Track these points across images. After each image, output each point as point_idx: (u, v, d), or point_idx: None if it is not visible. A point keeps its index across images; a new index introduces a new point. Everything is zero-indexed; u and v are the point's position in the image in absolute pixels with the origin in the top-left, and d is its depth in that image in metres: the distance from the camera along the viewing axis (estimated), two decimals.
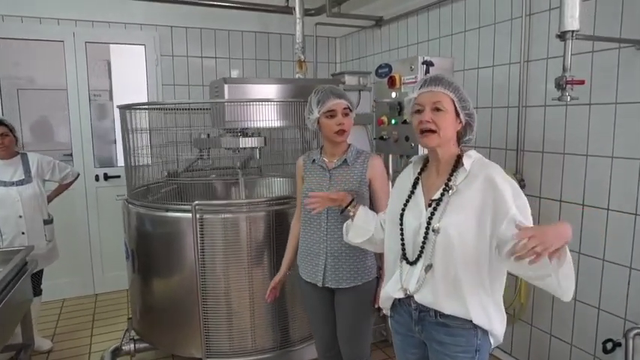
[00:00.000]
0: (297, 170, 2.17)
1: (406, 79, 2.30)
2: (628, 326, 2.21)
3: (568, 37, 1.85)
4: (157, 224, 2.63)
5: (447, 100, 1.48)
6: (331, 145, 2.01)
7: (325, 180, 2.00)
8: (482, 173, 1.46)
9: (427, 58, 2.23)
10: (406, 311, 1.61)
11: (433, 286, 1.50)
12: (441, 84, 1.49)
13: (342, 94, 1.96)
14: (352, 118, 2.00)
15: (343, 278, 1.97)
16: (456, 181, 1.50)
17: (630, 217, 2.20)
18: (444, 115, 1.48)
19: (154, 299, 2.76)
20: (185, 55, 4.16)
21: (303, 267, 2.09)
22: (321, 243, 1.99)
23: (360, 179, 1.96)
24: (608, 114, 2.26)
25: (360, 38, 4.40)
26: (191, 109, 3.09)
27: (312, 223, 2.02)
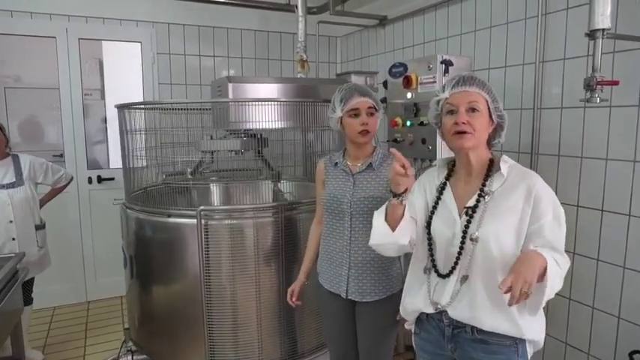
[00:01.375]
0: (317, 174, 2.05)
1: (424, 79, 2.20)
2: None
3: (598, 36, 1.77)
4: (157, 230, 2.50)
5: (481, 101, 1.42)
6: (355, 148, 1.90)
7: (348, 185, 1.89)
8: (524, 182, 1.39)
9: (446, 56, 2.14)
10: (436, 327, 1.50)
11: (471, 299, 1.40)
12: (475, 83, 1.42)
13: (367, 92, 1.85)
14: (378, 118, 1.88)
15: (367, 291, 1.86)
16: (492, 187, 1.43)
17: None
18: (480, 116, 1.41)
19: (153, 308, 2.62)
20: (182, 54, 4.02)
21: (324, 275, 1.98)
22: (344, 252, 1.88)
23: (387, 185, 1.83)
24: (631, 117, 2.19)
25: (363, 38, 4.31)
26: (189, 110, 2.96)
27: (335, 230, 1.92)
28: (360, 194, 1.85)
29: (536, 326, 1.41)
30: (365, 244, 1.83)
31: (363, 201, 1.84)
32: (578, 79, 2.38)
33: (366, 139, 1.86)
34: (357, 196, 1.85)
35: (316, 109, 2.54)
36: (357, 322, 1.95)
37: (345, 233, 1.88)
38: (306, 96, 2.90)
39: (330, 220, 1.95)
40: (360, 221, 1.85)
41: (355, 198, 1.85)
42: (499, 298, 1.33)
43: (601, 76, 1.78)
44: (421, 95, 2.24)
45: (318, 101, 2.54)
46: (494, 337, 1.38)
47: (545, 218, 1.36)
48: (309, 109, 2.52)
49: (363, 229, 1.85)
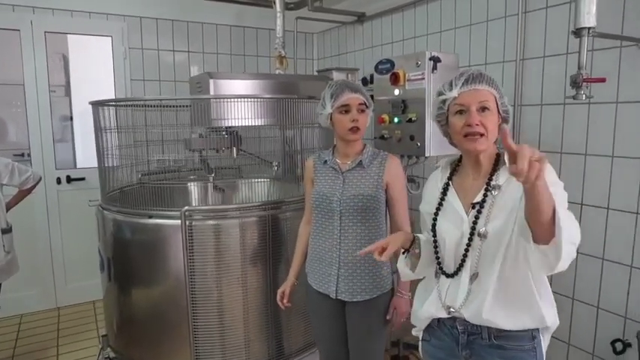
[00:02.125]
0: (305, 172, 2.01)
1: (412, 76, 2.20)
2: (629, 325, 2.23)
3: (584, 34, 1.80)
4: (137, 231, 2.40)
5: (491, 99, 1.33)
6: (344, 145, 1.87)
7: (338, 183, 1.86)
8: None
9: (435, 53, 2.14)
10: (448, 334, 1.43)
11: (484, 299, 1.32)
12: (485, 81, 1.34)
13: (358, 89, 1.82)
14: (369, 115, 1.86)
15: (357, 291, 1.83)
16: (499, 181, 1.35)
17: (632, 216, 2.20)
18: (491, 115, 1.33)
19: (134, 312, 2.52)
20: (156, 49, 3.89)
21: (313, 275, 1.94)
22: (333, 252, 1.85)
23: (377, 183, 1.82)
24: (609, 113, 2.26)
25: (340, 34, 4.28)
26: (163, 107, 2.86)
27: (325, 229, 1.88)
28: (349, 192, 1.83)
29: (552, 311, 1.35)
30: (355, 243, 1.82)
31: (352, 199, 1.81)
32: (558, 77, 2.46)
33: (356, 137, 1.83)
34: (347, 194, 1.82)
35: (301, 105, 2.50)
36: (347, 322, 1.92)
37: (334, 232, 1.85)
38: (288, 93, 2.86)
39: (319, 219, 1.92)
40: (350, 220, 1.83)
41: (345, 196, 1.82)
42: (514, 293, 1.29)
43: (586, 73, 1.81)
44: (409, 92, 2.24)
45: (303, 98, 2.50)
46: (511, 341, 1.33)
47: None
48: (294, 106, 2.48)
49: (353, 227, 1.83)
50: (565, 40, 2.42)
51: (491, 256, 1.32)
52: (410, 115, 2.23)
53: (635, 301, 2.21)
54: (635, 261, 2.20)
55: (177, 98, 3.22)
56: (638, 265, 2.19)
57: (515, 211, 1.28)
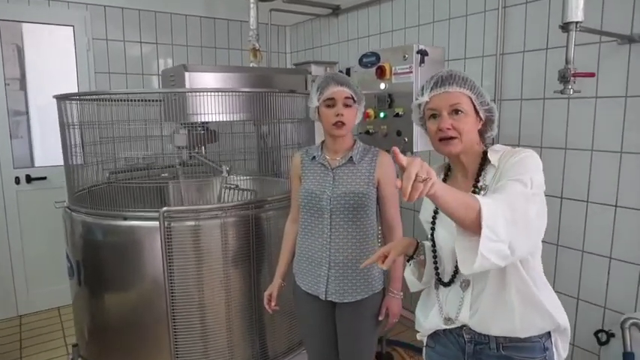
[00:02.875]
0: (292, 168, 1.93)
1: (398, 69, 2.15)
2: (608, 315, 2.29)
3: (571, 29, 1.81)
4: (110, 234, 2.26)
5: (464, 100, 1.29)
6: (332, 140, 1.80)
7: (328, 180, 1.79)
8: (509, 157, 1.26)
9: (422, 46, 2.10)
10: (454, 342, 1.38)
11: (485, 306, 1.27)
12: (455, 82, 1.29)
13: (344, 82, 1.74)
14: (359, 110, 1.80)
15: (348, 291, 1.78)
16: (486, 180, 1.31)
17: (610, 209, 2.25)
18: (465, 117, 1.28)
19: (107, 318, 2.38)
20: (122, 40, 3.69)
21: (301, 276, 1.87)
22: (323, 251, 1.78)
23: (368, 180, 1.77)
24: (588, 107, 2.29)
25: (314, 27, 4.20)
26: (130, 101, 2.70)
27: (314, 228, 1.81)
28: (340, 190, 1.76)
29: (560, 309, 1.29)
30: (345, 243, 1.76)
31: (343, 197, 1.75)
32: (537, 72, 2.48)
33: (341, 132, 1.75)
34: (338, 191, 1.76)
35: (283, 100, 2.41)
36: (337, 324, 1.87)
37: (324, 231, 1.79)
38: (265, 86, 2.77)
39: (307, 218, 1.85)
40: (340, 218, 1.77)
41: (335, 194, 1.76)
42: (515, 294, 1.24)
43: (574, 68, 1.82)
44: (396, 86, 2.20)
45: (284, 92, 2.41)
46: (521, 352, 1.26)
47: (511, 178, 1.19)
48: (276, 100, 2.39)
49: (344, 226, 1.77)
50: (545, 35, 2.44)
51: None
52: (397, 110, 2.19)
53: (614, 291, 2.27)
54: (614, 252, 2.25)
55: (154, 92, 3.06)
56: (616, 257, 2.24)
57: None
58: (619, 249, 2.23)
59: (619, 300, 2.24)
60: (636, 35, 2.07)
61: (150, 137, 2.57)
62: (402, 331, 3.14)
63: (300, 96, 2.50)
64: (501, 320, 1.25)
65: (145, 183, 2.42)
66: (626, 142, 2.17)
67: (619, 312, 2.21)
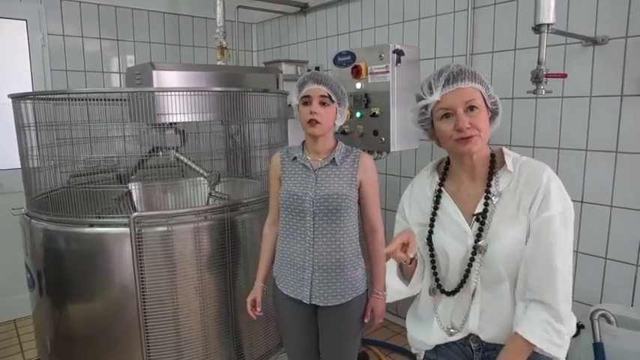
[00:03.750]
0: (271, 169, 1.87)
1: (375, 69, 2.14)
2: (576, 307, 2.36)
3: (543, 30, 1.85)
4: (75, 241, 2.13)
5: (478, 95, 1.22)
6: (312, 141, 1.77)
7: (310, 182, 1.75)
8: (532, 173, 1.23)
9: (398, 46, 2.10)
10: (459, 352, 1.32)
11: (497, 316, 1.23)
12: (467, 77, 1.21)
13: (322, 81, 1.70)
14: (340, 111, 1.76)
15: (332, 294, 1.75)
16: (499, 187, 1.24)
17: (577, 205, 2.33)
18: (480, 113, 1.21)
19: (73, 330, 2.24)
20: (80, 36, 3.50)
21: (283, 280, 1.83)
22: (306, 254, 1.75)
23: (351, 181, 1.74)
24: (555, 107, 2.37)
25: (282, 25, 4.15)
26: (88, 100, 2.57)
27: (296, 230, 1.77)
28: (323, 191, 1.73)
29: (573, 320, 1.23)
30: (329, 245, 1.74)
31: (327, 198, 1.72)
32: (506, 72, 2.54)
33: (315, 131, 1.70)
34: (320, 193, 1.73)
35: (255, 99, 2.35)
36: (320, 327, 1.84)
37: (307, 234, 1.75)
38: (235, 85, 2.70)
39: (289, 220, 1.81)
40: (324, 220, 1.74)
41: (318, 195, 1.73)
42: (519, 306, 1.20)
43: (546, 69, 1.86)
44: (372, 85, 2.19)
45: (258, 91, 2.35)
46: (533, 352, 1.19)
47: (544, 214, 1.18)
48: (248, 100, 2.33)
49: (327, 228, 1.74)
50: (513, 36, 2.50)
51: (500, 272, 1.23)
52: (373, 110, 2.17)
53: (580, 284, 2.35)
54: (581, 247, 2.33)
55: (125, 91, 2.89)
56: (582, 251, 2.33)
57: (522, 222, 1.20)
58: (585, 243, 2.31)
59: (585, 292, 2.33)
60: (599, 37, 2.16)
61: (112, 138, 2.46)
62: (390, 336, 3.15)
63: (273, 95, 2.44)
64: (511, 329, 1.20)
65: (111, 187, 2.30)
66: (591, 141, 2.26)
67: (586, 304, 2.30)
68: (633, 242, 2.15)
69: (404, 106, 2.16)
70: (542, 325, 1.13)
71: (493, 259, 1.22)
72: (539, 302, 1.16)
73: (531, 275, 1.16)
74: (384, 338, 3.11)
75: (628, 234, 2.16)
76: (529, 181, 1.22)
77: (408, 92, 2.18)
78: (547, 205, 1.18)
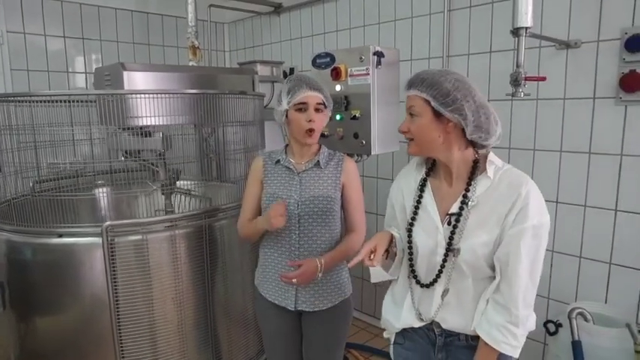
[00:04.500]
0: (253, 171, 1.82)
1: (355, 71, 2.12)
2: (553, 305, 2.42)
3: (521, 34, 1.87)
4: (42, 252, 2.02)
5: (419, 103, 1.28)
6: (299, 146, 1.74)
7: (294, 185, 1.72)
8: (513, 183, 1.27)
9: (378, 48, 2.07)
10: (424, 337, 1.41)
11: (460, 309, 1.32)
12: (415, 85, 1.29)
13: (317, 87, 1.68)
14: (327, 116, 1.74)
15: (319, 299, 1.73)
16: (476, 191, 1.29)
17: (552, 205, 2.37)
18: (418, 120, 1.30)
19: (41, 344, 2.13)
20: (42, 34, 3.32)
21: (267, 286, 1.79)
22: (291, 259, 1.71)
23: (335, 184, 1.73)
24: (530, 109, 2.40)
25: (255, 25, 4.07)
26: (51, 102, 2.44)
27: (280, 234, 1.73)
28: (308, 194, 1.71)
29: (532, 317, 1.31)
30: (315, 249, 1.71)
31: (312, 201, 1.70)
32: (482, 74, 2.57)
33: (312, 140, 1.70)
34: (305, 195, 1.70)
35: (233, 101, 2.29)
36: (305, 333, 1.81)
37: (292, 237, 1.72)
38: (209, 87, 2.62)
39: None
40: (309, 223, 1.71)
41: (304, 198, 1.70)
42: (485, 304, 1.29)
43: (525, 72, 1.88)
44: (352, 87, 2.16)
45: (235, 93, 2.29)
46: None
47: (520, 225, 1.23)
48: (225, 102, 2.26)
49: (313, 230, 1.71)
50: (488, 38, 2.53)
51: (466, 272, 1.30)
52: (353, 112, 2.15)
53: (557, 283, 2.40)
54: (556, 246, 2.38)
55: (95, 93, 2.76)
56: (558, 250, 2.37)
57: (494, 228, 1.26)
58: (560, 243, 2.36)
59: (562, 291, 2.38)
60: (572, 41, 2.20)
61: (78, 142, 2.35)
62: (370, 338, 3.13)
63: (250, 97, 2.39)
64: (477, 326, 1.30)
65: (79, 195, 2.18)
66: (565, 142, 2.30)
67: (563, 302, 2.35)
68: (606, 241, 2.21)
69: (384, 108, 2.14)
70: (500, 330, 1.25)
71: (460, 258, 1.29)
72: (502, 305, 1.25)
73: (501, 281, 1.26)
74: (363, 341, 3.10)
75: (601, 233, 2.22)
76: (508, 190, 1.26)
77: (388, 94, 2.16)
78: (524, 218, 1.23)
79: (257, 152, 2.45)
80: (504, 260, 1.24)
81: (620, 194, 2.15)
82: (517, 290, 1.23)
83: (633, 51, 2.00)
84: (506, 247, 1.24)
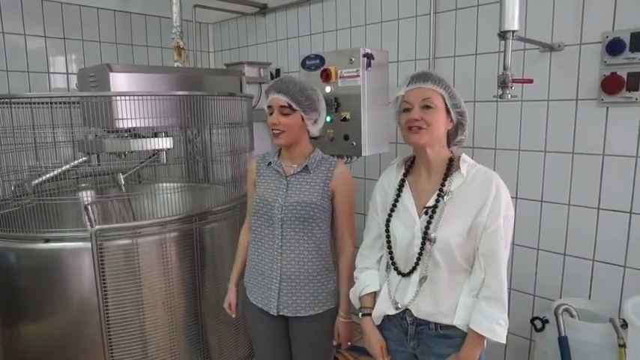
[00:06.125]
0: (248, 174, 1.85)
1: (345, 73, 2.13)
2: (538, 302, 2.47)
3: (508, 37, 1.90)
4: (27, 258, 1.98)
5: (437, 97, 1.41)
6: (284, 149, 1.74)
7: (281, 188, 1.71)
8: (484, 180, 1.42)
9: (368, 50, 2.09)
10: (398, 325, 1.51)
11: (432, 297, 1.42)
12: (431, 80, 1.42)
13: (282, 89, 1.65)
14: (308, 117, 1.70)
15: (301, 305, 1.71)
16: (451, 187, 1.43)
17: (537, 204, 2.43)
18: (434, 112, 1.41)
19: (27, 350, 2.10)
20: (21, 34, 3.24)
21: (252, 289, 1.78)
22: (274, 263, 1.70)
23: (322, 190, 1.70)
24: (515, 110, 2.45)
25: (240, 26, 4.05)
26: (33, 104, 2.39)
27: (264, 238, 1.73)
28: (292, 198, 1.69)
29: None
30: (297, 255, 1.70)
31: (295, 206, 1.68)
32: (468, 76, 2.61)
33: (279, 141, 1.69)
34: (290, 200, 1.69)
35: (222, 103, 2.27)
36: (292, 339, 1.80)
37: (275, 242, 1.71)
38: (196, 88, 2.61)
39: (258, 227, 1.76)
40: (292, 229, 1.69)
41: (287, 202, 1.69)
42: (457, 294, 1.40)
43: (512, 75, 1.92)
44: (342, 89, 2.17)
45: (223, 94, 2.28)
46: (456, 330, 1.42)
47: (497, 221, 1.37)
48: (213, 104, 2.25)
49: (295, 237, 1.70)
50: (474, 41, 2.57)
51: (441, 260, 1.39)
52: (344, 114, 2.16)
53: (542, 280, 2.45)
54: (541, 244, 2.43)
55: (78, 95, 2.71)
56: (543, 248, 2.43)
57: (466, 220, 1.39)
58: (545, 241, 2.42)
59: (547, 288, 2.43)
60: (556, 44, 2.25)
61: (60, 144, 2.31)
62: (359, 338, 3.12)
63: (238, 99, 2.37)
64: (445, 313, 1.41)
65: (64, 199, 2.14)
66: (549, 142, 2.36)
67: (548, 299, 2.40)
68: (589, 239, 2.26)
69: (374, 109, 2.16)
70: (499, 323, 1.35)
71: (435, 247, 1.40)
72: (494, 299, 1.36)
73: (487, 276, 1.38)
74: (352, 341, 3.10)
75: (585, 231, 2.27)
76: (481, 186, 1.40)
77: (378, 96, 2.18)
78: (498, 212, 1.37)
79: (244, 154, 2.45)
80: (489, 255, 1.37)
81: (602, 193, 2.21)
82: (502, 280, 1.37)
83: (614, 54, 2.06)
84: (488, 243, 1.37)
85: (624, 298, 2.11)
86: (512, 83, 1.90)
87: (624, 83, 2.03)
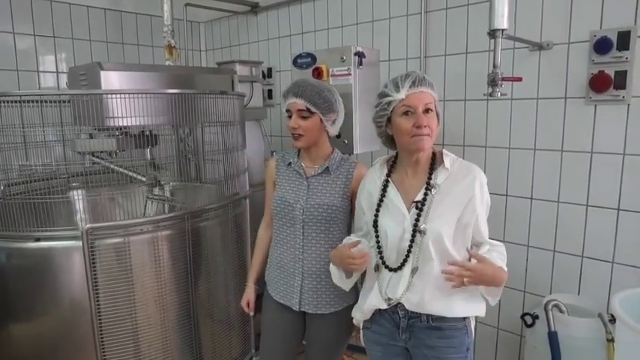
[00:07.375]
0: (268, 172, 1.88)
1: (336, 71, 2.14)
2: (528, 298, 2.50)
3: (498, 35, 1.92)
4: (17, 257, 1.96)
5: (433, 101, 1.47)
6: (303, 150, 1.78)
7: (302, 189, 1.74)
8: (468, 172, 1.51)
9: (359, 48, 2.10)
10: (389, 319, 1.54)
11: (423, 289, 1.45)
12: (428, 84, 1.47)
13: (299, 93, 1.69)
14: (327, 119, 1.73)
15: (322, 303, 1.75)
16: (437, 180, 1.49)
17: (527, 201, 2.45)
18: (434, 116, 1.47)
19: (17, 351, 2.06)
20: (10, 32, 3.21)
21: (274, 286, 1.82)
22: (296, 262, 1.74)
23: (343, 192, 1.74)
24: (505, 109, 2.47)
25: (231, 25, 4.05)
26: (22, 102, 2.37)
27: (286, 237, 1.77)
28: (314, 200, 1.72)
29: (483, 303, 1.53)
30: (319, 255, 1.74)
31: (317, 208, 1.72)
32: (458, 74, 2.63)
33: (299, 144, 1.73)
34: (311, 202, 1.72)
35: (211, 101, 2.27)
36: (308, 335, 1.84)
37: (296, 242, 1.75)
38: (188, 87, 2.60)
39: (280, 227, 1.80)
40: (313, 230, 1.73)
41: (309, 204, 1.72)
42: (449, 285, 1.41)
43: (501, 73, 1.94)
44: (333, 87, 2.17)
45: (215, 93, 2.27)
46: (446, 322, 1.46)
47: (481, 208, 1.50)
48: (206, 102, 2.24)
49: (317, 237, 1.74)
50: (464, 40, 2.59)
51: (430, 252, 1.44)
52: None
53: (533, 275, 2.48)
54: (531, 240, 2.46)
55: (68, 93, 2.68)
56: (533, 244, 2.46)
57: (455, 211, 1.45)
58: (535, 237, 2.44)
59: (537, 284, 2.46)
60: (545, 43, 2.28)
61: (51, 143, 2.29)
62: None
63: (230, 97, 2.37)
64: (437, 304, 1.45)
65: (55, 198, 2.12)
66: (538, 140, 2.38)
67: (538, 295, 2.43)
68: (578, 235, 2.29)
69: (366, 108, 2.17)
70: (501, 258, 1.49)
71: (426, 239, 1.44)
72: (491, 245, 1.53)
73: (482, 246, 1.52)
74: None
75: (574, 227, 2.30)
76: (465, 180, 1.48)
77: (369, 94, 2.19)
78: (481, 202, 1.49)
79: (236, 152, 2.45)
80: (484, 236, 1.52)
81: (590, 190, 2.24)
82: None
83: (602, 52, 2.08)
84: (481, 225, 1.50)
85: (612, 294, 2.14)
86: (502, 81, 1.92)
87: (611, 81, 2.06)
